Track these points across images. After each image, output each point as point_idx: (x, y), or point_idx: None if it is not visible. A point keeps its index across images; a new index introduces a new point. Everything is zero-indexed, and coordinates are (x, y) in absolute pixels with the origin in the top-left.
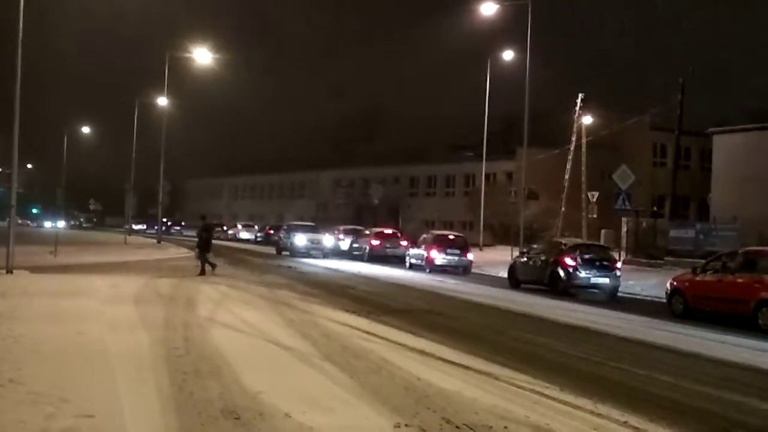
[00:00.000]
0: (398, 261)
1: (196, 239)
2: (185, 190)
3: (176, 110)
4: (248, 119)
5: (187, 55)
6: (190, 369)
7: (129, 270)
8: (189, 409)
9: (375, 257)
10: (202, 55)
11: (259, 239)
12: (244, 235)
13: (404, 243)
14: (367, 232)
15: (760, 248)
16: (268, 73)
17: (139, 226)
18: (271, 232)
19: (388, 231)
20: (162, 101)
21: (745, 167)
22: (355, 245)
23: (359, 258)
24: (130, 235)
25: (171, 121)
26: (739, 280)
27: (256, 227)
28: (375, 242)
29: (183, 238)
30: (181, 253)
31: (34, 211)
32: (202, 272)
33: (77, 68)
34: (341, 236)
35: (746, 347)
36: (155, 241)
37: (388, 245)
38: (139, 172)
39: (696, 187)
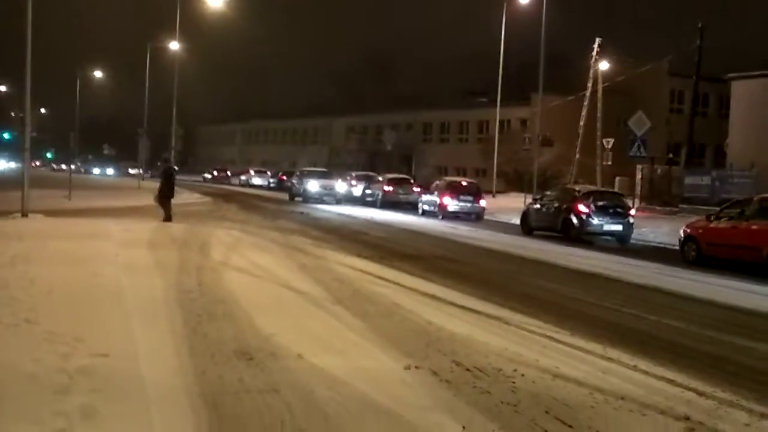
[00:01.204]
0: (411, 207)
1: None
2: (198, 135)
3: (189, 55)
4: (261, 65)
5: None
6: (204, 311)
7: (143, 214)
8: (203, 349)
9: (388, 203)
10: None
11: (272, 185)
12: (257, 180)
13: (417, 189)
14: (380, 179)
15: None
16: (281, 19)
17: (134, 170)
18: (284, 177)
19: (401, 177)
20: (174, 45)
21: (763, 114)
22: (368, 191)
23: (372, 204)
24: (143, 179)
25: (184, 67)
26: (753, 227)
27: (269, 173)
28: (388, 188)
29: (195, 183)
30: (194, 198)
31: (48, 155)
32: (167, 218)
33: (90, 11)
34: (354, 182)
35: (758, 293)
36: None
37: (401, 191)
38: (153, 117)
39: (713, 134)
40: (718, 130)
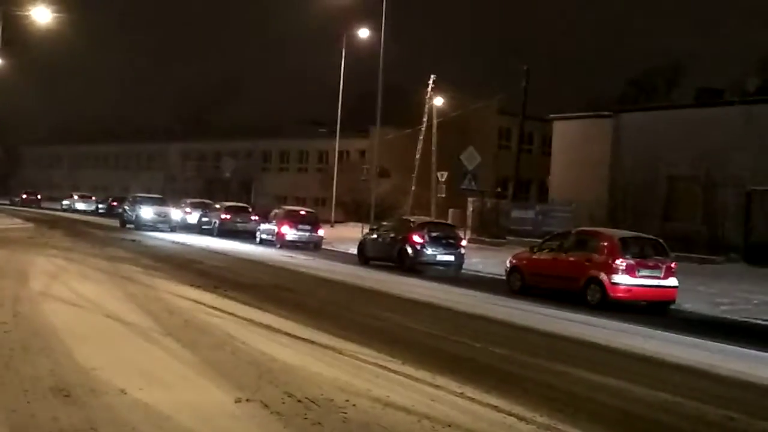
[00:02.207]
0: (249, 236)
1: None
2: (24, 156)
3: (13, 72)
4: (91, 84)
5: (22, 13)
6: (18, 345)
7: None
8: (14, 386)
9: (225, 231)
10: (42, 14)
11: (101, 211)
12: (81, 206)
13: (255, 218)
14: (218, 206)
15: (590, 229)
16: (114, 37)
17: None
18: (115, 203)
19: (239, 205)
20: None
21: (580, 152)
22: (205, 219)
23: (209, 232)
24: None
25: (6, 83)
26: (571, 259)
27: (94, 198)
28: (225, 216)
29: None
30: (15, 224)
31: None
32: None
33: None
34: (189, 209)
35: (576, 321)
36: None
37: (238, 219)
38: None
39: (537, 170)
40: (541, 166)
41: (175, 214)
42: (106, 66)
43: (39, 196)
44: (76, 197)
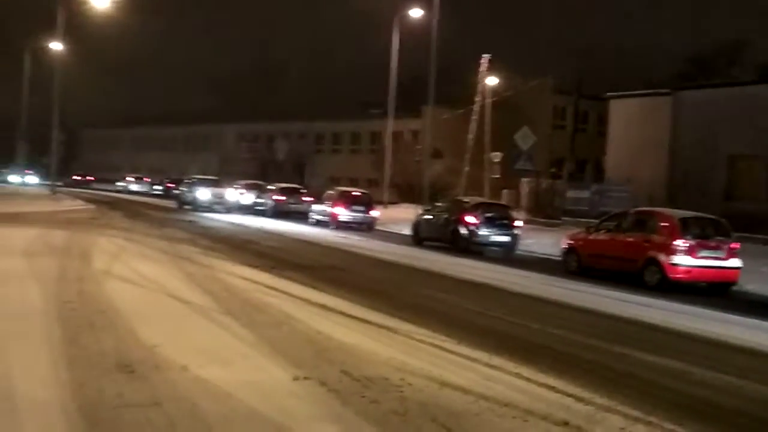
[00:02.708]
0: (302, 217)
1: None
2: (84, 139)
3: (73, 57)
4: (150, 68)
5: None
6: (84, 323)
7: (21, 221)
8: (82, 362)
9: (278, 213)
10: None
11: (158, 192)
12: (135, 187)
13: (308, 199)
14: (271, 188)
15: (649, 209)
16: (173, 21)
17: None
18: (171, 185)
19: (292, 186)
20: (56, 46)
21: (638, 131)
22: (259, 200)
23: (263, 213)
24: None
25: (67, 68)
26: (629, 239)
27: (147, 179)
28: (279, 198)
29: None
30: (76, 205)
31: None
32: None
33: None
34: (243, 191)
35: (634, 302)
36: (49, 191)
37: (291, 201)
38: (34, 121)
39: (593, 149)
40: (597, 146)
41: (231, 195)
42: (163, 50)
43: (91, 178)
44: (131, 179)
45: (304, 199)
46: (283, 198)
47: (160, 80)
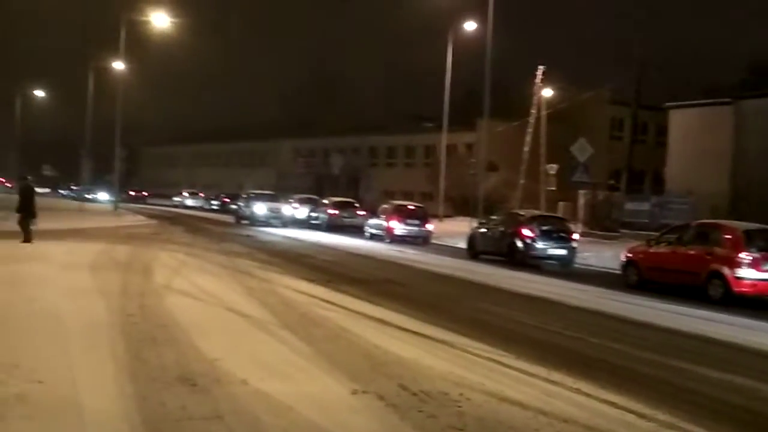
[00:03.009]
0: (356, 231)
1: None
2: (144, 156)
3: (134, 76)
4: (207, 86)
5: (144, 18)
6: (146, 336)
7: (86, 236)
8: (144, 375)
9: (332, 226)
10: (160, 19)
11: (215, 207)
12: (189, 202)
13: (361, 213)
14: (325, 202)
15: (711, 221)
16: (228, 40)
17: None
18: (227, 200)
19: (346, 201)
20: (118, 65)
21: (699, 142)
22: (313, 214)
23: (317, 227)
24: (85, 201)
25: (128, 87)
26: (691, 252)
27: (202, 194)
28: (333, 212)
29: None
30: (138, 221)
31: None
32: (27, 239)
33: (32, 28)
34: (296, 205)
35: (697, 317)
36: (112, 207)
37: (345, 215)
38: (96, 138)
39: (652, 161)
40: (656, 157)
41: (287, 209)
42: (219, 67)
43: (145, 193)
44: (185, 194)
45: (358, 212)
46: (337, 212)
47: (223, 97)
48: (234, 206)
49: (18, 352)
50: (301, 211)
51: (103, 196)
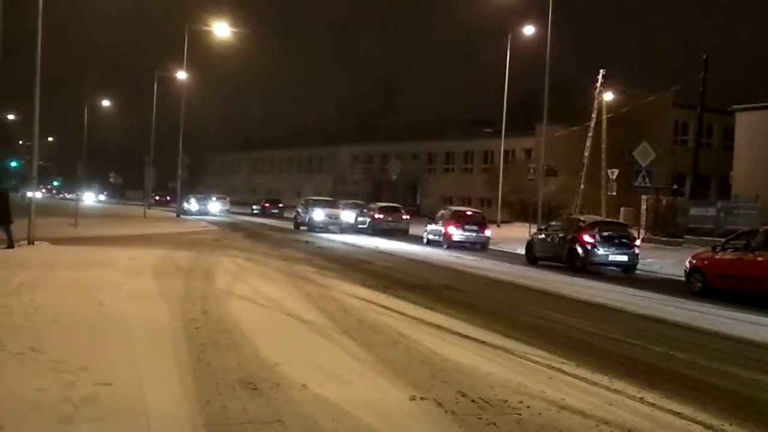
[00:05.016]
0: (401, 234)
1: None
2: (206, 163)
3: (196, 84)
4: (268, 93)
5: (206, 28)
6: (208, 340)
7: (148, 243)
8: (207, 378)
9: (377, 230)
10: (222, 29)
11: (255, 212)
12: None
13: (406, 217)
14: (372, 206)
15: None
16: (288, 48)
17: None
18: (267, 205)
19: (391, 205)
20: (181, 75)
21: (767, 145)
22: (360, 219)
23: (363, 231)
24: (149, 208)
25: (191, 95)
26: (759, 259)
27: (228, 199)
28: (378, 216)
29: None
30: (200, 227)
31: (55, 183)
32: (10, 245)
33: (97, 38)
34: (344, 210)
35: (765, 325)
36: (174, 214)
37: (390, 219)
38: (159, 145)
39: (718, 165)
40: (722, 161)
41: (346, 215)
42: (280, 74)
43: (168, 198)
44: (214, 198)
45: (402, 217)
46: (382, 216)
47: (283, 104)
48: (274, 211)
49: (86, 355)
50: (349, 215)
51: (89, 197)
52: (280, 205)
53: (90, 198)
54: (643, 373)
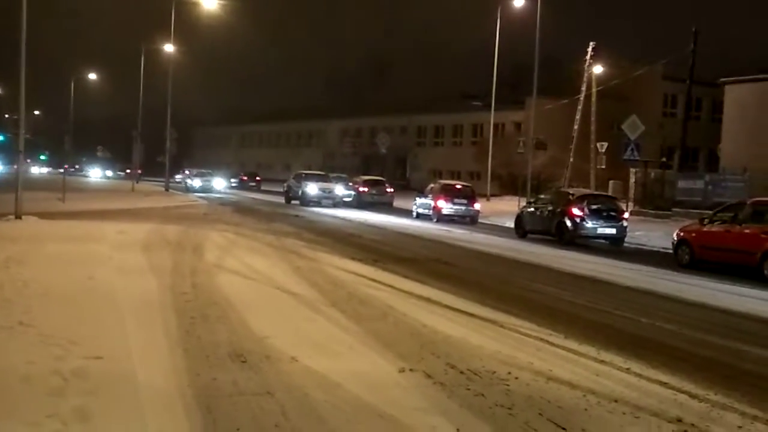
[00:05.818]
0: (385, 207)
1: None
2: (194, 138)
3: (184, 57)
4: (257, 66)
5: (194, 0)
6: (198, 313)
7: (137, 217)
8: (197, 351)
9: (363, 203)
10: (209, 1)
11: (234, 185)
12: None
13: (390, 190)
14: (356, 180)
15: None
16: (275, 22)
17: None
18: (245, 178)
19: (375, 179)
20: (168, 47)
21: (756, 118)
22: (345, 192)
23: (348, 204)
24: (137, 182)
25: (179, 69)
26: (746, 231)
27: (211, 172)
28: (363, 189)
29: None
30: (189, 201)
31: (42, 157)
32: None
33: (84, 12)
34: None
35: (751, 297)
36: (163, 188)
37: (374, 192)
38: (147, 120)
39: (706, 138)
40: (711, 134)
41: (339, 190)
42: (268, 48)
43: (139, 171)
44: (187, 172)
45: (386, 190)
46: (366, 189)
47: (272, 78)
48: (252, 184)
49: (75, 328)
50: (341, 189)
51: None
52: (258, 178)
53: (96, 174)
54: (630, 344)
